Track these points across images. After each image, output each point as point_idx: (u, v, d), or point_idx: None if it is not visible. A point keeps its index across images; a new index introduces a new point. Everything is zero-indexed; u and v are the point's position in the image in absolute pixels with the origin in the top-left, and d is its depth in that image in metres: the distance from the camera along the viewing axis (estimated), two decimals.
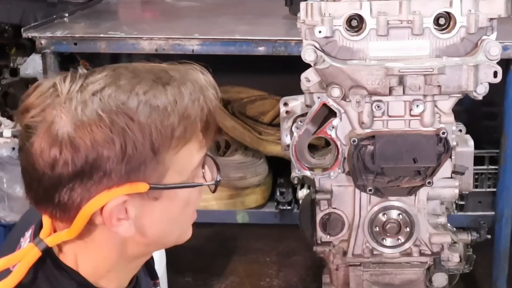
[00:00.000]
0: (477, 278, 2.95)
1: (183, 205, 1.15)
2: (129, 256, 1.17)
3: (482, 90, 1.53)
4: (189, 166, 1.13)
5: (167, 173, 1.10)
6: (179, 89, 1.11)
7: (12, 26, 3.24)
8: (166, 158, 1.09)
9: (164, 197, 1.11)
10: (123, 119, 1.04)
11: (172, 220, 1.16)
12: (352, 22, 1.54)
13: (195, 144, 1.13)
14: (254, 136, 2.99)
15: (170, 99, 1.09)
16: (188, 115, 1.09)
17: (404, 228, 1.65)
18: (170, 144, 1.08)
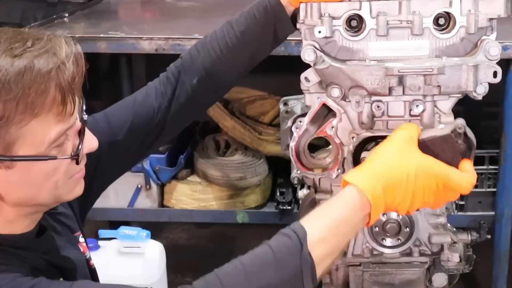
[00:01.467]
0: (477, 278, 2.95)
1: (47, 173, 1.17)
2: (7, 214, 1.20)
3: (482, 90, 1.53)
4: (45, 139, 1.14)
5: (16, 145, 1.12)
6: (28, 62, 1.11)
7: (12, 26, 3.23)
8: (11, 131, 1.11)
9: (19, 166, 1.14)
10: None
11: (35, 186, 1.18)
12: (352, 22, 1.54)
13: (50, 118, 1.14)
14: (254, 136, 2.99)
15: (14, 72, 1.09)
16: (34, 89, 1.10)
17: (404, 228, 1.65)
18: (12, 117, 1.10)
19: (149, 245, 2.51)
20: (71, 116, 1.17)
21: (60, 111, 1.14)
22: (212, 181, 2.97)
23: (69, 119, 1.17)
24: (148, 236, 2.51)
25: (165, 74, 1.59)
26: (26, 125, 1.12)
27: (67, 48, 1.16)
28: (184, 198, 3.00)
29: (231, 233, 3.43)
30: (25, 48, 1.13)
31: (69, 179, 1.22)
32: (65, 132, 1.17)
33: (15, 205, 1.20)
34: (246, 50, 1.56)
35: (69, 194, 1.25)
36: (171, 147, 3.12)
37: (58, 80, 1.13)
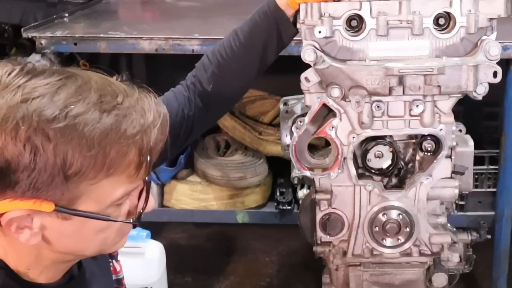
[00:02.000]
0: (477, 278, 2.95)
1: (98, 230, 1.12)
2: (48, 260, 1.16)
3: (482, 90, 1.53)
4: (109, 198, 1.09)
5: (80, 199, 1.07)
6: (116, 121, 1.05)
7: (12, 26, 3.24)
8: (80, 186, 1.05)
9: (76, 220, 1.09)
10: (40, 137, 1.01)
11: (86, 240, 1.13)
12: (352, 22, 1.54)
13: (121, 178, 1.08)
14: (254, 136, 2.99)
15: (100, 129, 1.04)
16: (116, 151, 1.05)
17: (404, 228, 1.66)
18: (87, 174, 1.04)
19: (149, 245, 2.51)
20: (138, 177, 1.11)
21: (133, 173, 1.09)
22: (212, 181, 2.97)
23: (138, 181, 1.12)
24: (148, 236, 2.50)
25: (185, 83, 1.63)
26: (97, 183, 1.06)
27: (155, 112, 1.10)
28: (184, 198, 3.00)
29: (231, 233, 3.42)
30: (115, 104, 1.06)
31: (114, 237, 1.17)
32: (129, 193, 1.12)
33: (60, 253, 1.16)
34: (253, 54, 1.60)
35: (114, 247, 1.21)
36: None
37: (141, 145, 1.07)
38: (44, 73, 1.08)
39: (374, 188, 1.65)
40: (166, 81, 3.89)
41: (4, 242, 1.14)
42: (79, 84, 1.07)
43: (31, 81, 1.05)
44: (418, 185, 1.64)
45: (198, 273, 3.09)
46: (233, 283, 3.10)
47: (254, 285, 3.08)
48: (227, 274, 3.15)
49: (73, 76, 1.08)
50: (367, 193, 1.66)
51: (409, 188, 1.65)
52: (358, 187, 1.65)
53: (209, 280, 3.08)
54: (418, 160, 1.66)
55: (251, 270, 3.18)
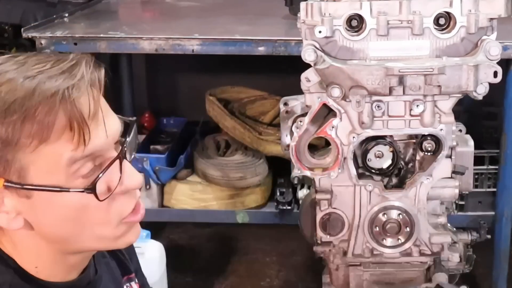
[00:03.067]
0: (477, 278, 2.95)
1: (74, 210, 1.09)
2: (48, 254, 1.15)
3: (482, 90, 1.53)
4: (57, 165, 1.06)
5: (29, 172, 1.06)
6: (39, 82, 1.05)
7: (12, 26, 3.24)
8: (18, 156, 1.05)
9: (38, 197, 1.08)
10: None
11: (70, 222, 1.11)
12: (352, 22, 1.54)
13: (62, 144, 1.05)
14: (254, 136, 2.99)
15: (20, 94, 1.04)
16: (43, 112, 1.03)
17: (404, 228, 1.66)
18: (16, 141, 1.04)
19: (149, 245, 2.51)
20: (90, 144, 1.07)
21: (70, 138, 1.06)
22: (212, 181, 2.97)
23: (88, 147, 1.07)
24: (148, 236, 2.50)
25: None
26: (35, 150, 1.04)
27: (85, 71, 1.08)
28: (184, 198, 3.00)
29: (231, 233, 3.42)
30: (42, 70, 1.06)
31: (116, 221, 1.14)
32: (83, 161, 1.08)
33: (54, 241, 1.14)
34: None
35: (118, 240, 1.16)
36: (171, 147, 3.12)
37: (66, 105, 1.05)
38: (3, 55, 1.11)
39: (374, 188, 1.65)
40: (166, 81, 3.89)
41: (8, 242, 1.15)
42: (18, 58, 1.09)
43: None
44: (418, 185, 1.64)
45: (198, 273, 3.09)
46: (233, 283, 3.10)
47: (254, 285, 3.08)
48: (227, 274, 3.15)
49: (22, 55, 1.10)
50: (367, 193, 1.66)
51: (409, 188, 1.65)
52: (358, 187, 1.65)
53: (209, 280, 3.08)
54: (418, 160, 1.66)
55: (251, 270, 3.18)
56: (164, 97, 3.64)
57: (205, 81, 3.41)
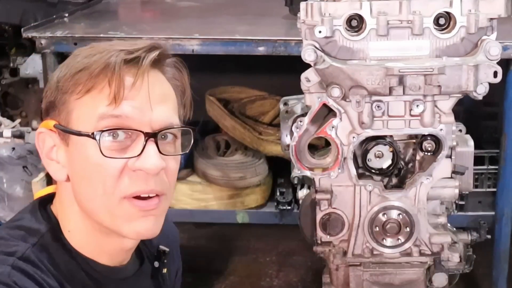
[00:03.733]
0: (477, 278, 2.95)
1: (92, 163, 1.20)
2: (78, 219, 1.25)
3: (482, 90, 1.53)
4: (91, 115, 1.20)
5: (71, 117, 1.22)
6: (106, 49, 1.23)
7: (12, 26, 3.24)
8: (70, 100, 1.22)
9: (73, 144, 1.22)
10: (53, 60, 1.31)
11: (87, 179, 1.21)
12: (352, 22, 1.54)
13: (100, 96, 1.20)
14: (254, 136, 2.99)
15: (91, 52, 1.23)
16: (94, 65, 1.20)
17: (404, 228, 1.65)
18: (71, 87, 1.21)
19: None
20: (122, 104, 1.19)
21: (108, 93, 1.19)
22: (212, 181, 2.97)
23: (119, 108, 1.19)
24: None
25: None
26: (81, 98, 1.20)
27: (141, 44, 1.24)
28: (184, 198, 3.00)
29: (231, 233, 3.43)
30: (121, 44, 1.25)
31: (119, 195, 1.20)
32: (111, 117, 1.19)
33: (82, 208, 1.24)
34: None
35: (127, 224, 1.22)
36: None
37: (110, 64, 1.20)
38: None
39: (374, 188, 1.65)
40: None
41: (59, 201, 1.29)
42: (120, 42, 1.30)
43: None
44: (418, 185, 1.64)
45: (198, 273, 3.09)
46: (233, 283, 3.10)
47: (254, 285, 3.08)
48: (227, 274, 3.15)
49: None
50: (367, 193, 1.66)
51: (409, 188, 1.65)
52: (358, 187, 1.65)
53: (209, 280, 3.08)
54: (418, 160, 1.66)
55: (251, 270, 3.18)
56: None
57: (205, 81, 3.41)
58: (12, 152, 2.83)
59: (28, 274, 1.13)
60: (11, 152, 2.83)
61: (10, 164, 2.81)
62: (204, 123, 3.35)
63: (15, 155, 2.83)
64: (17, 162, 2.83)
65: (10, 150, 2.84)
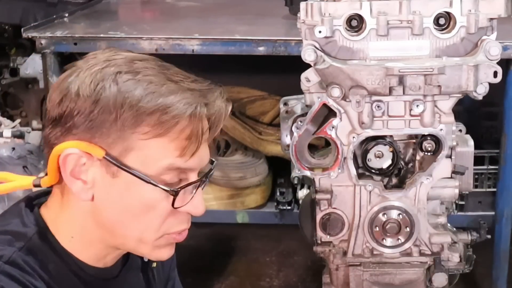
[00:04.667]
0: (477, 278, 2.95)
1: (144, 203, 1.16)
2: (91, 233, 1.20)
3: (482, 90, 1.53)
4: (157, 163, 1.14)
5: (130, 154, 1.13)
6: (179, 88, 1.14)
7: (12, 26, 3.24)
8: (131, 137, 1.12)
9: (122, 179, 1.14)
10: (109, 83, 1.11)
11: (130, 213, 1.17)
12: (352, 22, 1.54)
13: (171, 146, 1.13)
14: (254, 136, 2.99)
15: (163, 90, 1.12)
16: (169, 111, 1.12)
17: (404, 228, 1.66)
18: (138, 125, 1.11)
19: None
20: (191, 159, 1.16)
21: (182, 146, 1.14)
22: (212, 181, 2.97)
23: (188, 161, 1.16)
24: None
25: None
26: (147, 140, 1.12)
27: (219, 100, 1.20)
28: None
29: (231, 233, 3.43)
30: (183, 79, 1.16)
31: (162, 232, 1.20)
32: (176, 171, 1.15)
33: (103, 227, 1.19)
34: None
35: (153, 252, 1.22)
36: None
37: (194, 117, 1.13)
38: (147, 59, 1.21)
39: (374, 188, 1.65)
40: None
41: (60, 203, 1.21)
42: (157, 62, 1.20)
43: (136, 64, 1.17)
44: (418, 185, 1.64)
45: (198, 273, 3.09)
46: (233, 283, 3.10)
47: (254, 285, 3.08)
48: (227, 274, 3.15)
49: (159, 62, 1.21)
50: (367, 193, 1.66)
51: (409, 188, 1.65)
52: (358, 187, 1.65)
53: (209, 280, 3.08)
54: (418, 160, 1.66)
55: (251, 270, 3.18)
56: None
57: None
58: (12, 152, 2.83)
59: (15, 278, 1.12)
60: (11, 152, 2.83)
61: (10, 164, 2.81)
62: None
63: (15, 155, 2.83)
64: (17, 162, 2.83)
65: (10, 150, 2.84)
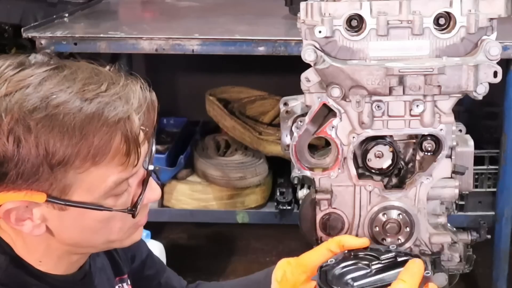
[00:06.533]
0: (477, 278, 2.95)
1: (101, 220, 1.13)
2: (57, 251, 1.18)
3: (482, 90, 1.53)
4: (101, 187, 1.10)
5: (72, 189, 1.08)
6: (98, 108, 1.06)
7: (12, 26, 3.24)
8: (68, 175, 1.06)
9: (72, 210, 1.10)
10: (21, 128, 1.02)
11: (91, 230, 1.14)
12: (352, 22, 1.54)
13: (111, 166, 1.09)
14: (254, 136, 2.99)
15: (80, 118, 1.05)
16: (100, 138, 1.06)
17: (404, 228, 1.65)
18: (72, 162, 1.05)
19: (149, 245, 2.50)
20: (134, 166, 1.12)
21: (122, 161, 1.10)
22: (212, 181, 2.97)
23: (131, 169, 1.12)
24: (148, 236, 2.51)
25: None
26: (85, 172, 1.07)
27: (140, 98, 1.12)
28: (184, 198, 3.00)
29: (231, 233, 3.43)
30: (98, 92, 1.07)
31: (127, 228, 1.18)
32: (124, 182, 1.13)
33: (67, 244, 1.17)
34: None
35: (125, 241, 1.21)
36: (171, 147, 3.12)
37: (125, 131, 1.08)
38: (34, 65, 1.09)
39: (374, 188, 1.65)
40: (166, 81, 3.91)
41: (12, 234, 1.16)
42: (65, 74, 1.08)
43: (19, 74, 1.07)
44: (418, 185, 1.64)
45: (198, 273, 3.08)
46: None
47: None
48: (227, 274, 3.15)
49: (61, 67, 1.10)
50: (367, 193, 1.66)
51: (409, 188, 1.65)
52: (358, 187, 1.65)
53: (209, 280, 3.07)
54: (418, 160, 1.66)
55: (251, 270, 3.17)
56: (164, 97, 3.64)
57: (205, 81, 3.42)
58: None
59: None
60: None
61: None
62: (204, 123, 3.35)
63: None
64: None
65: None
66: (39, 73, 1.07)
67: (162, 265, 1.61)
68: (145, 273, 1.54)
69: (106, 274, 1.36)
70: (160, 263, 1.61)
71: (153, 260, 1.58)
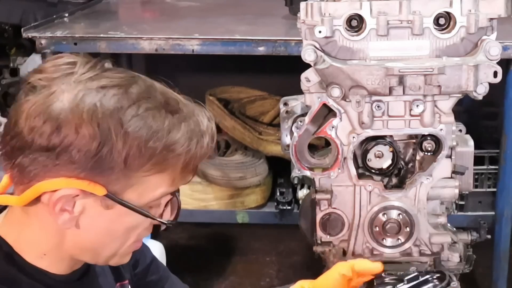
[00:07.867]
0: (477, 278, 2.95)
1: (128, 227, 1.16)
2: (66, 252, 1.18)
3: (482, 90, 1.53)
4: (151, 194, 1.14)
5: (129, 190, 1.11)
6: (179, 122, 1.12)
7: (12, 26, 3.24)
8: (134, 176, 1.11)
9: (115, 210, 1.12)
10: (114, 122, 1.07)
11: (113, 236, 1.16)
12: (352, 22, 1.54)
13: (168, 178, 1.14)
14: (254, 136, 2.99)
15: (165, 127, 1.10)
16: (174, 149, 1.11)
17: (404, 228, 1.66)
18: (144, 165, 1.10)
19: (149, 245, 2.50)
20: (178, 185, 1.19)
21: (177, 178, 1.16)
22: (212, 181, 2.97)
23: (177, 185, 1.19)
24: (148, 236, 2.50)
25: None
26: (148, 176, 1.12)
27: (208, 124, 1.18)
28: (184, 198, 3.00)
29: (231, 233, 3.42)
30: (177, 109, 1.13)
31: (133, 242, 1.21)
32: (166, 196, 1.18)
33: (80, 249, 1.18)
34: None
35: (120, 259, 1.23)
36: None
37: (192, 150, 1.13)
38: (116, 69, 1.16)
39: (374, 188, 1.65)
40: None
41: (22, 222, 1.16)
42: (148, 84, 1.14)
43: (106, 73, 1.12)
44: (418, 185, 1.64)
45: (198, 273, 3.09)
46: (233, 283, 3.10)
47: (254, 285, 3.08)
48: (227, 274, 3.15)
49: (139, 77, 1.15)
50: (367, 193, 1.66)
51: (409, 188, 1.65)
52: (358, 187, 1.65)
53: (209, 280, 3.08)
54: (418, 160, 1.66)
55: (251, 270, 3.18)
56: None
57: (205, 81, 3.41)
58: None
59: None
60: None
61: None
62: None
63: None
64: None
65: None
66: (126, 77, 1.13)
67: (166, 272, 1.63)
68: (148, 279, 1.55)
69: (106, 278, 1.37)
70: (164, 269, 1.62)
71: (157, 266, 1.59)
